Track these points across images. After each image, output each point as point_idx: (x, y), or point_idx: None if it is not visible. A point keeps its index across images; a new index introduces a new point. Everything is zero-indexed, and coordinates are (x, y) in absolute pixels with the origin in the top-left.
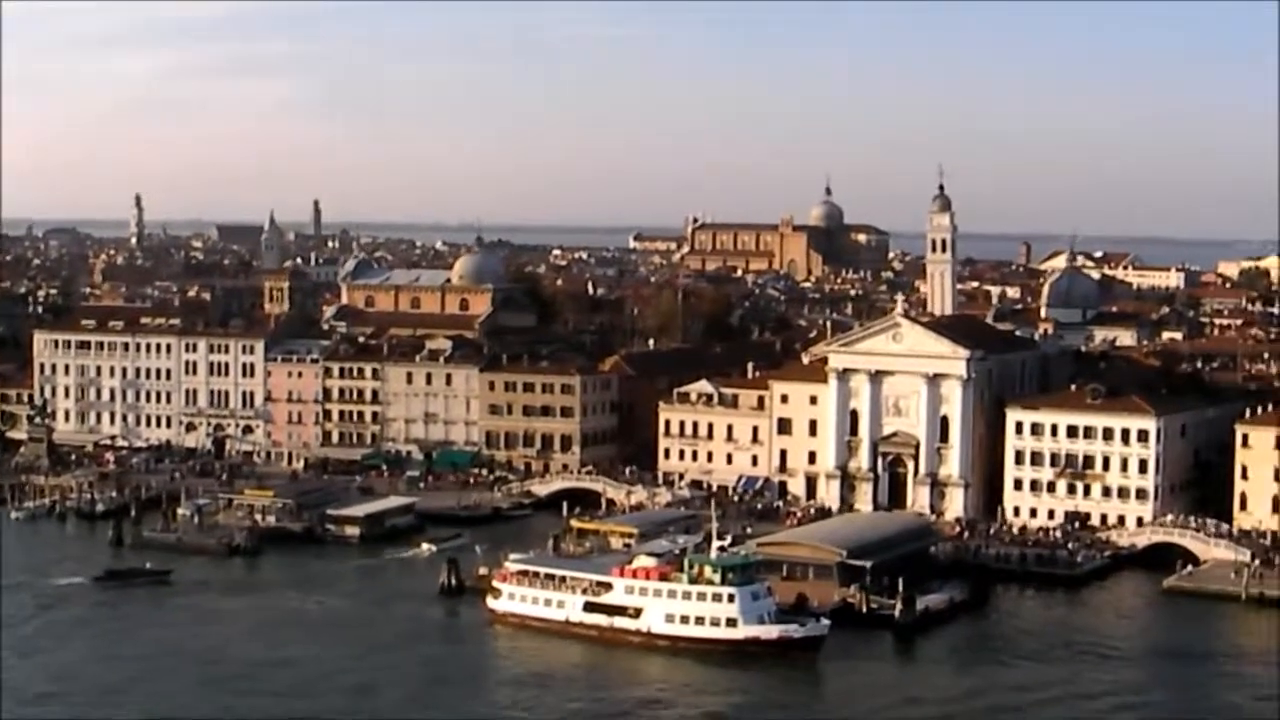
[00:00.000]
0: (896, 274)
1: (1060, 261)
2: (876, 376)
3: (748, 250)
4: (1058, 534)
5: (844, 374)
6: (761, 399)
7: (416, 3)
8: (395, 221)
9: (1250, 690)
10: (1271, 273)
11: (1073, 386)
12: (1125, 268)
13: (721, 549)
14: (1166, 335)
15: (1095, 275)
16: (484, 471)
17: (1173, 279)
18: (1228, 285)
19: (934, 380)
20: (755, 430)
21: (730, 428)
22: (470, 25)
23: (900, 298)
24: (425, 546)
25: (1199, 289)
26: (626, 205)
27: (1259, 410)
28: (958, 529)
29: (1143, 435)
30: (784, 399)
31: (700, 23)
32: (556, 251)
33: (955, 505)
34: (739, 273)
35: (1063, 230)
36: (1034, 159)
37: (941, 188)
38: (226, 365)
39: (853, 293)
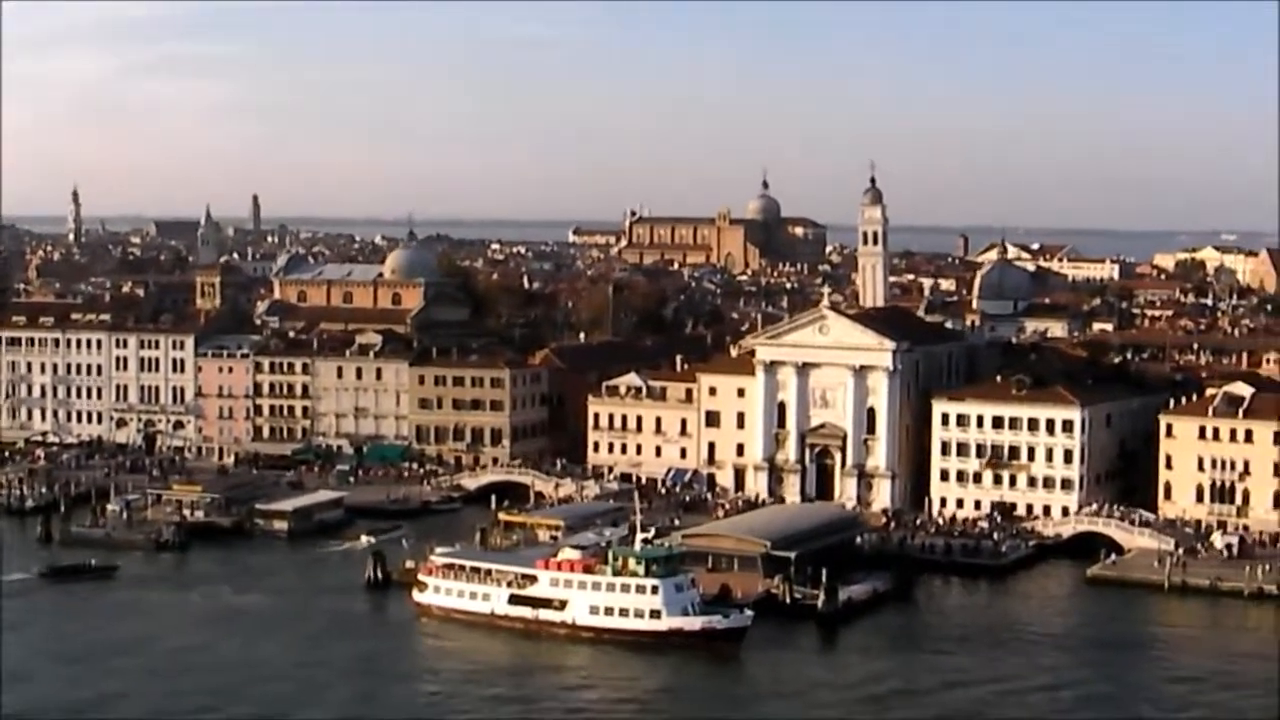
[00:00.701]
0: (834, 267)
1: (996, 254)
2: (803, 369)
3: (685, 244)
4: (984, 524)
5: (771, 366)
6: (690, 392)
7: (357, 2)
8: (335, 216)
9: (1168, 675)
10: (1208, 264)
11: (999, 378)
12: (1060, 260)
13: (646, 541)
14: (1097, 326)
15: (1030, 268)
16: (414, 465)
17: (1108, 271)
18: (1163, 277)
19: (860, 372)
20: (684, 423)
21: (659, 420)
22: (410, 23)
23: (827, 290)
24: (364, 538)
25: (1133, 281)
26: (568, 200)
27: (1184, 400)
28: (884, 520)
29: (1067, 426)
30: (712, 392)
31: (638, 21)
32: (495, 245)
33: (883, 496)
34: (675, 266)
35: (1005, 224)
36: (976, 153)
37: (873, 180)
38: (157, 361)
39: (788, 286)
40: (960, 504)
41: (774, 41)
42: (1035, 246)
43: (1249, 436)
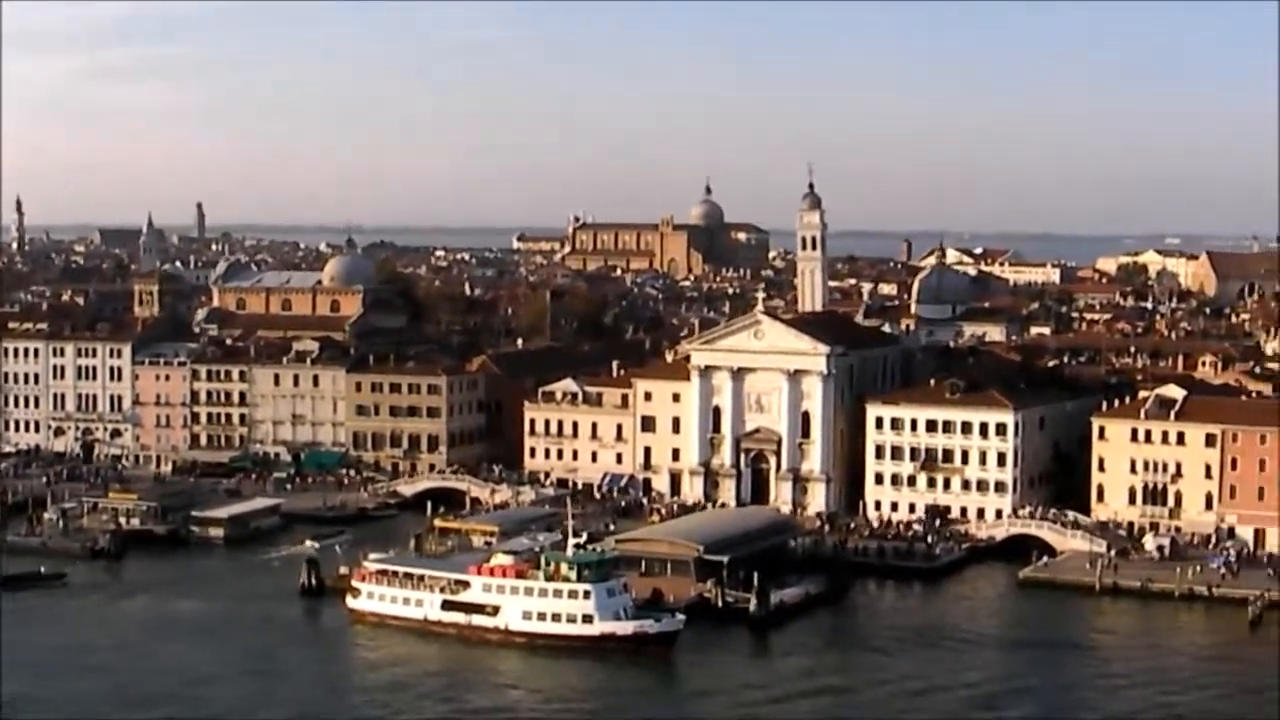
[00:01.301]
0: (776, 272)
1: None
2: (738, 373)
3: (629, 250)
4: (918, 527)
5: (706, 371)
6: (626, 397)
7: (302, 4)
8: (281, 224)
9: (1097, 675)
10: (1150, 268)
11: (933, 382)
12: (1001, 264)
13: (578, 546)
14: (1035, 330)
15: (972, 271)
16: (352, 472)
17: (1048, 275)
18: (1104, 281)
19: (795, 376)
20: (620, 428)
21: (595, 426)
22: (358, 28)
23: (762, 295)
24: (308, 543)
25: (1074, 285)
26: (516, 207)
27: (1117, 403)
28: (819, 524)
29: (1001, 429)
30: (648, 397)
31: (579, 24)
32: (440, 252)
33: (817, 500)
34: (618, 272)
35: (954, 228)
36: (924, 157)
37: (811, 186)
38: (94, 369)
39: (730, 291)
40: (895, 507)
41: (718, 46)
42: (978, 251)
43: (1181, 439)
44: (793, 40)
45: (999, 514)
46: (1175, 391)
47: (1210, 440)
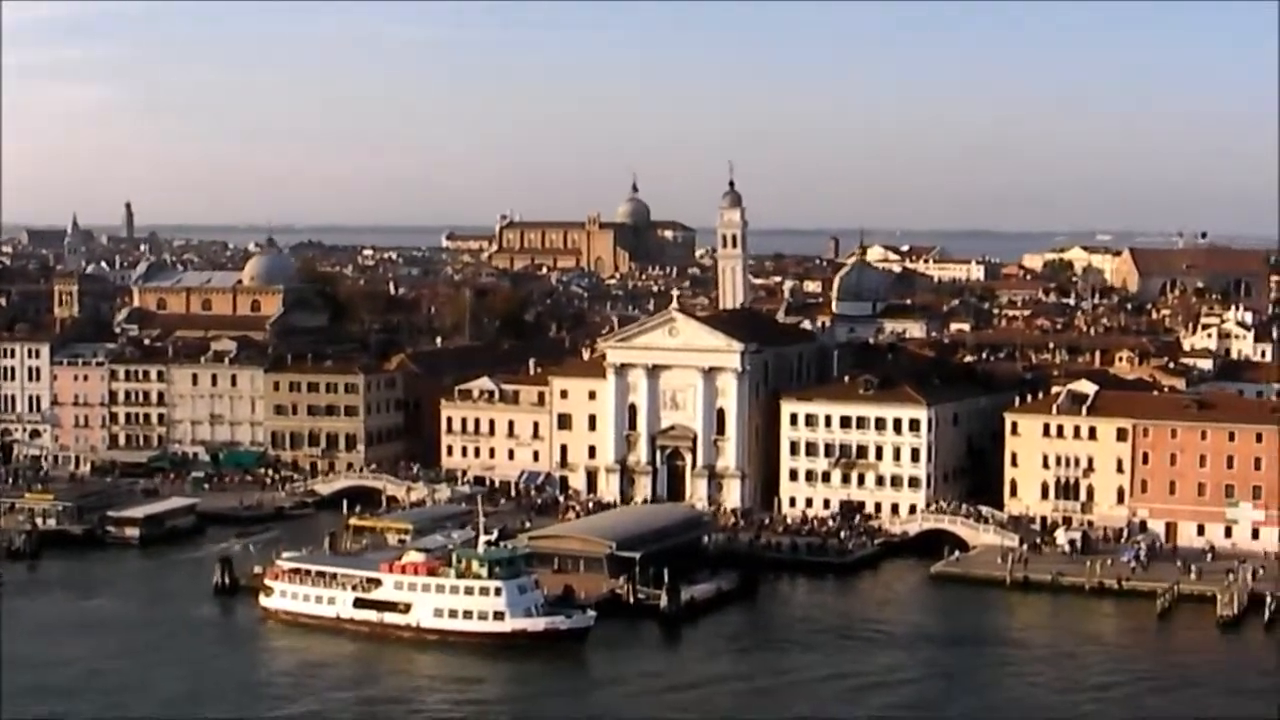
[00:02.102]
0: (703, 270)
1: (870, 255)
2: (654, 371)
3: (556, 248)
4: (832, 523)
5: (622, 369)
6: (542, 395)
7: (231, 4)
8: (215, 224)
9: (1006, 668)
10: (1076, 265)
11: (846, 378)
12: (927, 261)
13: (489, 544)
14: (955, 327)
15: (897, 269)
16: (270, 471)
17: (973, 272)
18: (1028, 277)
19: (709, 374)
20: (536, 426)
21: (511, 424)
22: (288, 26)
23: (677, 293)
24: (235, 540)
25: (997, 282)
26: (448, 205)
27: (1030, 398)
28: (733, 520)
29: (914, 425)
30: (564, 395)
31: (507, 23)
32: (368, 251)
33: (733, 497)
34: (544, 271)
35: (883, 226)
36: (856, 156)
37: (732, 184)
38: (12, 370)
39: (656, 289)
40: (809, 503)
41: (645, 45)
42: (904, 248)
43: (1093, 434)
44: (720, 38)
45: (913, 509)
46: (1087, 387)
47: (1122, 435)
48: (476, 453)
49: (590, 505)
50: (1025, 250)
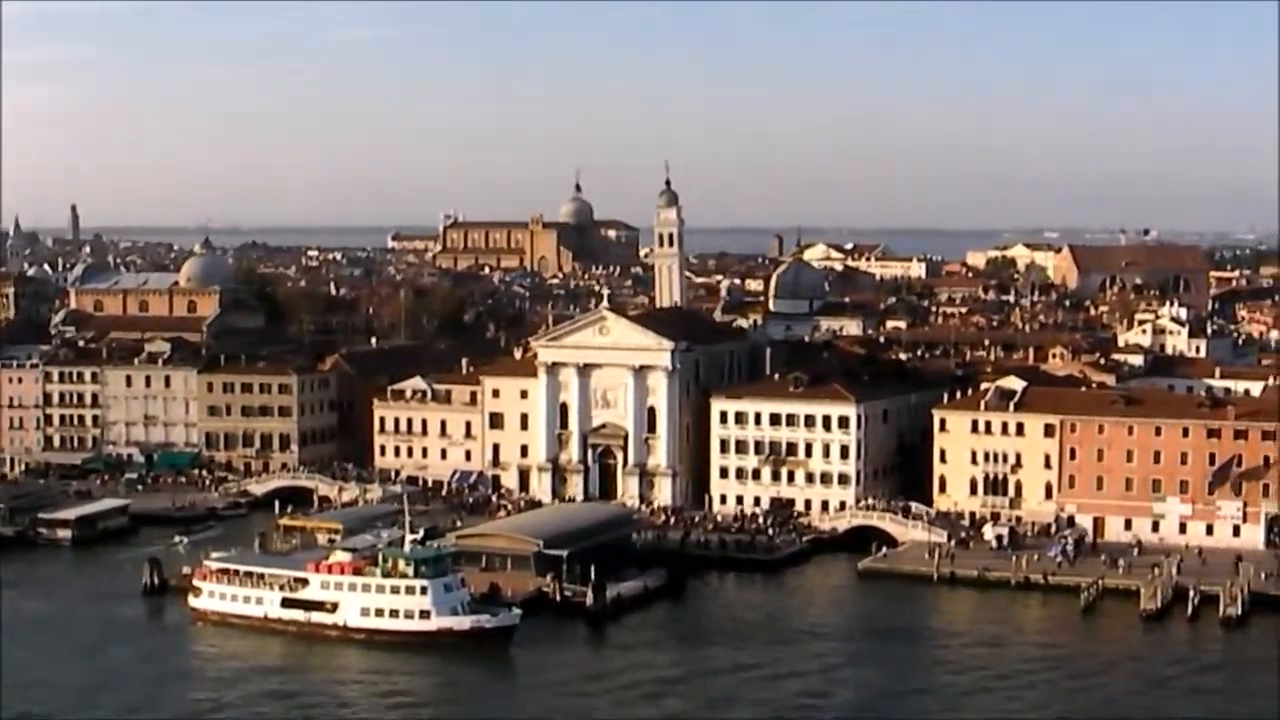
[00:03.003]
0: (646, 269)
1: (816, 253)
2: (585, 369)
3: (500, 248)
4: (762, 520)
5: (553, 368)
6: (474, 394)
7: (181, 5)
8: (162, 225)
9: (928, 662)
10: (1019, 262)
11: (776, 376)
12: (869, 259)
13: (415, 542)
14: (891, 324)
15: (839, 267)
16: (204, 472)
17: (915, 269)
18: (970, 275)
19: (640, 372)
20: (469, 425)
21: (444, 423)
22: (233, 28)
23: (606, 291)
24: (178, 539)
25: (938, 279)
26: (394, 206)
27: (960, 395)
28: (663, 518)
29: (843, 421)
30: (495, 394)
31: (455, 23)
32: (313, 252)
33: (664, 494)
34: (488, 271)
35: (831, 224)
36: (804, 154)
37: (668, 183)
38: None
39: (597, 288)
40: (740, 501)
41: (588, 44)
42: (849, 246)
43: (1020, 429)
44: (665, 38)
45: (843, 506)
46: (1015, 383)
47: (1049, 431)
48: (409, 452)
49: (522, 504)
50: (972, 249)
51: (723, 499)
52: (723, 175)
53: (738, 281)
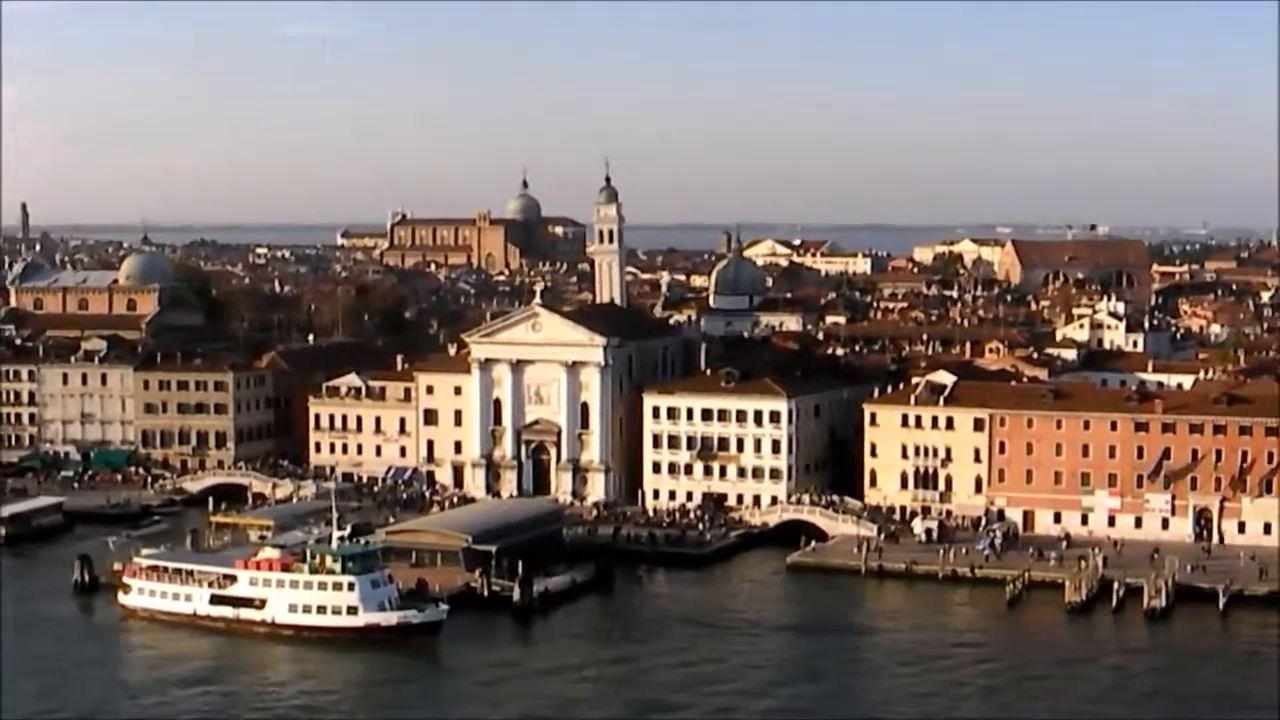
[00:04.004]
0: (594, 265)
1: (762, 249)
2: (518, 365)
3: (447, 245)
4: (694, 515)
5: (486, 364)
6: (409, 391)
7: (132, 5)
8: (114, 224)
9: (852, 655)
10: (966, 257)
11: (709, 371)
12: (815, 255)
13: (344, 539)
14: (831, 320)
15: (784, 263)
16: (140, 470)
17: (860, 265)
18: (915, 270)
19: (573, 368)
20: (403, 422)
21: (379, 420)
22: (184, 29)
23: (539, 288)
24: (124, 533)
25: (884, 274)
26: (346, 204)
27: (892, 389)
28: (596, 513)
29: (775, 416)
30: (429, 390)
31: (404, 23)
32: (261, 250)
33: (597, 490)
34: (434, 267)
35: (784, 220)
36: (756, 151)
37: (608, 179)
38: None
39: (544, 285)
40: (673, 495)
41: (537, 41)
42: (797, 242)
43: (950, 423)
44: (612, 33)
45: (774, 501)
46: (945, 377)
47: (979, 425)
48: (345, 449)
49: (456, 500)
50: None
51: (655, 494)
52: (676, 172)
53: (680, 278)
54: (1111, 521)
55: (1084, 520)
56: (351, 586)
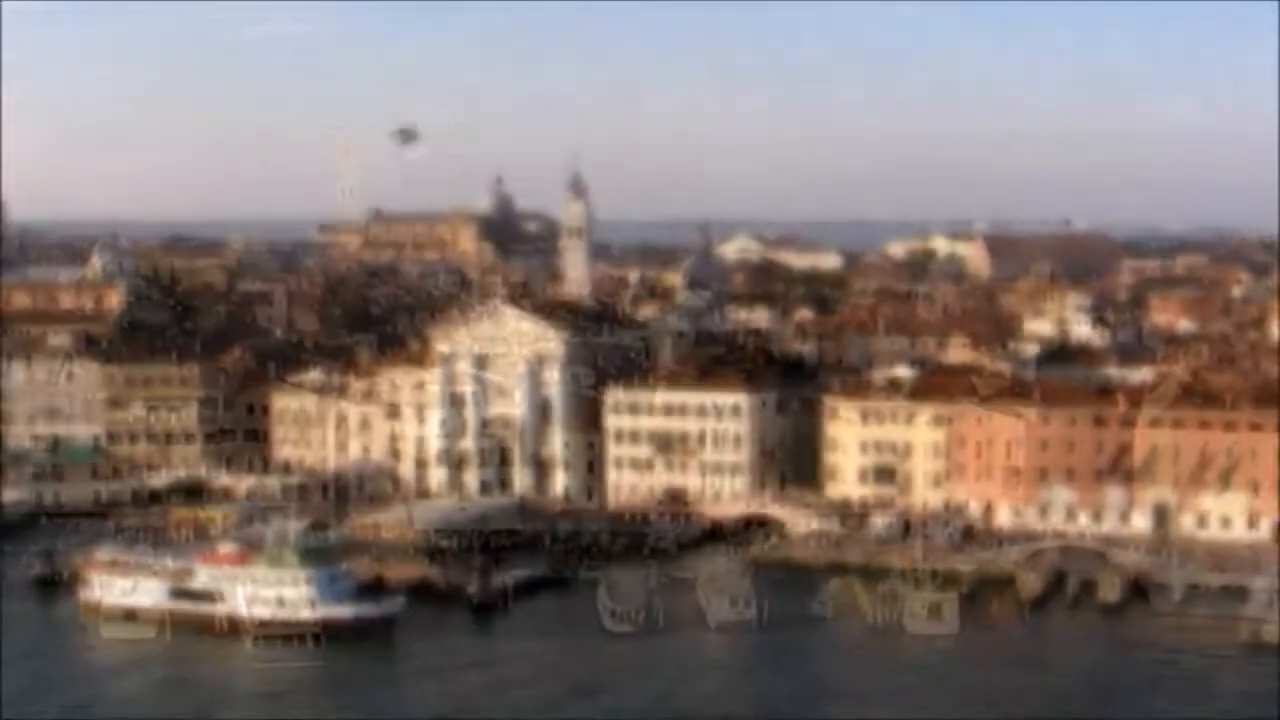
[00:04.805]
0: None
1: (736, 244)
2: (480, 360)
3: (422, 240)
4: (654, 509)
5: (448, 359)
6: (372, 386)
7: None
8: (90, 219)
9: (810, 649)
10: (938, 252)
11: (672, 366)
12: (790, 250)
13: (301, 533)
14: (800, 315)
15: (756, 258)
16: (106, 465)
17: (832, 260)
18: (887, 265)
19: (535, 363)
20: (366, 417)
21: (341, 415)
22: (165, 26)
23: (500, 281)
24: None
25: (854, 271)
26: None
27: (854, 384)
28: (556, 508)
29: (735, 411)
30: (393, 385)
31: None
32: (236, 245)
33: (558, 485)
34: (408, 263)
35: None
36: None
37: (577, 175)
38: None
39: (503, 280)
40: (634, 490)
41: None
42: (774, 238)
43: (910, 418)
44: (586, 31)
45: (735, 495)
46: (905, 372)
47: (939, 420)
48: (309, 444)
49: (417, 495)
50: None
51: (617, 489)
52: (652, 168)
53: (650, 273)
54: (1070, 515)
55: (1042, 515)
56: (308, 580)
